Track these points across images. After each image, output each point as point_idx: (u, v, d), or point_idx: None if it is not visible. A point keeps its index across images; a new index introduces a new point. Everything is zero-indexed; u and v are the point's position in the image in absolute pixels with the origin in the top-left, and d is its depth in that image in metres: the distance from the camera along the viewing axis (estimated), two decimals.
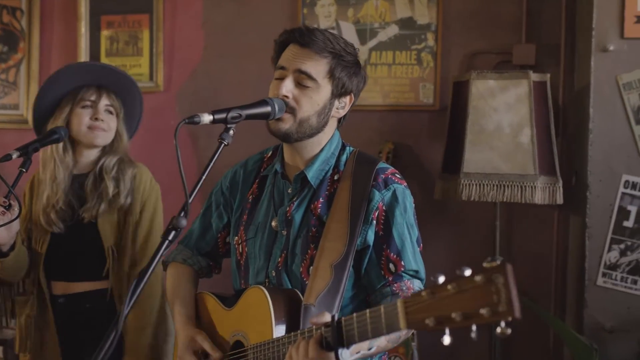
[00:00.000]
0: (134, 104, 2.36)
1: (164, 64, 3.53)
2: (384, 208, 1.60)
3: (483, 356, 3.01)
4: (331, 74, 1.61)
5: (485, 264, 0.96)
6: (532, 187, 2.63)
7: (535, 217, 3.11)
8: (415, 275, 1.59)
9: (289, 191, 1.68)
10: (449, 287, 1.00)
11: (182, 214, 1.39)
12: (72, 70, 2.32)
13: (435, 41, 3.22)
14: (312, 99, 1.60)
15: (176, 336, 1.73)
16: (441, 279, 1.01)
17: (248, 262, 1.71)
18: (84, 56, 3.60)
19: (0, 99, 3.77)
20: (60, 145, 2.26)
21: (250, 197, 1.75)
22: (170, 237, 1.37)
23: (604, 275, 2.80)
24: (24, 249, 2.24)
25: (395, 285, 1.56)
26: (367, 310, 1.25)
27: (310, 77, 1.59)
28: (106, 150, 2.30)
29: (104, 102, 2.27)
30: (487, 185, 2.64)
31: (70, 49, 3.65)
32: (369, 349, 1.44)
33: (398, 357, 2.94)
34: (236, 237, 1.75)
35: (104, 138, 2.27)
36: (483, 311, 0.96)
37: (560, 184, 2.74)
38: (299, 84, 1.61)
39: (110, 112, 2.29)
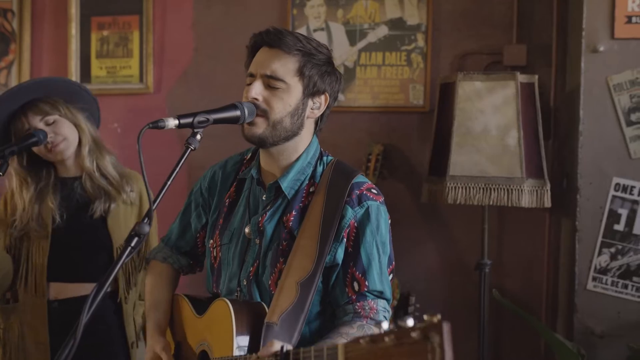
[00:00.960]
0: (72, 95, 2.27)
1: (154, 66, 3.52)
2: (355, 225, 1.56)
3: (473, 357, 2.97)
4: (300, 72, 1.58)
5: (425, 318, 0.93)
6: (519, 190, 2.59)
7: (526, 220, 3.07)
8: (379, 295, 1.56)
9: (264, 198, 1.65)
10: (387, 339, 0.96)
11: (146, 221, 1.37)
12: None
13: (425, 42, 3.19)
14: (284, 100, 1.57)
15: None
16: (385, 326, 0.97)
17: (221, 267, 1.69)
18: (74, 57, 3.59)
19: None
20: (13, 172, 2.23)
21: (227, 200, 1.72)
22: (132, 244, 1.35)
23: (594, 279, 2.76)
24: (4, 256, 2.21)
25: (358, 304, 1.54)
26: (312, 348, 1.22)
27: (277, 78, 1.56)
28: (86, 151, 2.26)
29: (36, 121, 2.18)
30: (473, 188, 2.61)
31: (61, 51, 3.64)
32: None
33: None
34: (211, 241, 1.72)
35: (67, 148, 2.22)
36: None
37: (548, 187, 2.70)
38: (268, 87, 1.58)
39: (49, 123, 2.20)
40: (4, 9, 3.72)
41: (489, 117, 2.63)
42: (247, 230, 1.63)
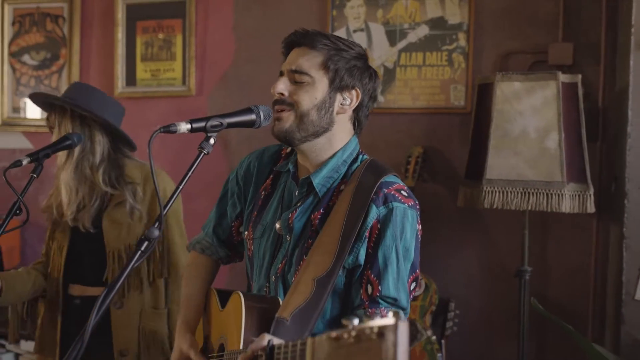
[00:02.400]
0: (91, 104, 2.27)
1: (196, 68, 3.56)
2: (378, 225, 1.51)
3: None
4: (325, 65, 1.56)
5: (389, 316, 0.89)
6: (559, 194, 2.48)
7: (573, 225, 2.95)
8: (393, 303, 1.49)
9: (297, 194, 1.63)
10: (347, 335, 0.93)
11: (156, 225, 1.37)
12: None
13: (467, 41, 3.11)
14: (309, 93, 1.55)
15: None
16: (354, 322, 0.94)
17: (253, 261, 1.69)
18: (120, 61, 3.68)
19: None
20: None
21: (263, 192, 1.71)
22: (142, 248, 1.36)
23: None
24: (17, 281, 2.28)
25: (370, 310, 1.48)
26: (291, 343, 1.20)
27: (302, 72, 1.55)
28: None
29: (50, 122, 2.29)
30: (510, 192, 2.51)
31: (108, 54, 3.73)
32: None
33: None
34: (246, 232, 1.72)
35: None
36: None
37: (592, 191, 2.57)
38: (294, 82, 1.57)
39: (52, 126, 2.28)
40: (55, 15, 3.84)
41: (528, 119, 2.53)
42: (277, 225, 1.61)
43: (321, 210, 1.57)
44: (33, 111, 3.92)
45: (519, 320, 2.74)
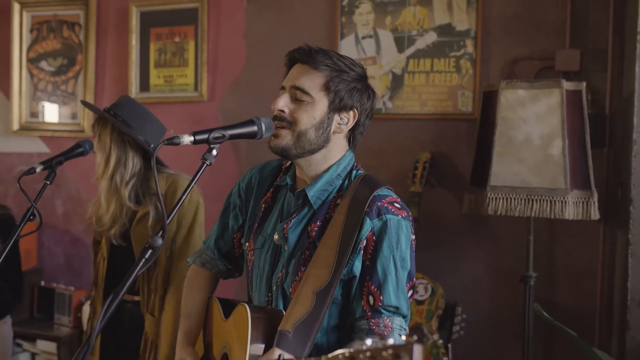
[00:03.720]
0: (134, 121, 2.33)
1: (208, 74, 3.62)
2: (373, 238, 1.55)
3: None
4: (326, 87, 1.60)
5: (403, 338, 0.93)
6: (562, 201, 2.50)
7: (579, 232, 2.96)
8: (395, 312, 1.53)
9: (292, 206, 1.68)
10: (362, 355, 0.97)
11: (160, 234, 1.42)
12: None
13: (475, 48, 3.13)
14: (308, 112, 1.59)
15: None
16: (368, 342, 0.98)
17: (254, 272, 1.73)
18: (134, 68, 3.75)
19: (60, 108, 3.98)
20: None
21: (263, 205, 1.75)
22: (146, 256, 1.41)
23: None
24: None
25: (372, 320, 1.52)
26: (311, 359, 1.24)
27: (303, 91, 1.59)
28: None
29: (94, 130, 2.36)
30: (514, 199, 2.53)
31: (122, 61, 3.81)
32: None
33: None
34: (247, 244, 1.77)
35: (97, 171, 2.34)
36: None
37: (596, 198, 2.59)
38: (295, 100, 1.61)
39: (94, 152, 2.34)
40: (72, 22, 3.93)
41: (532, 126, 2.55)
42: (275, 237, 1.66)
43: (318, 223, 1.61)
44: (50, 116, 4.01)
45: (524, 325, 2.76)
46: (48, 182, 2.11)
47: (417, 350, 0.91)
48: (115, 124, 2.28)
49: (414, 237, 1.63)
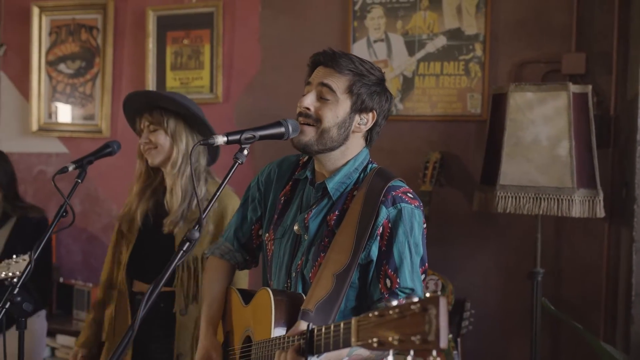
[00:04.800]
0: (193, 118, 2.42)
1: (223, 77, 3.73)
2: (389, 225, 1.66)
3: None
4: (350, 90, 1.71)
5: (427, 294, 1.03)
6: (569, 200, 2.60)
7: (585, 229, 3.06)
8: (410, 294, 1.63)
9: (312, 197, 1.79)
10: (392, 312, 1.07)
11: (196, 228, 1.53)
12: (126, 101, 2.48)
13: (483, 51, 3.23)
14: (333, 111, 1.70)
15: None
16: (394, 303, 1.08)
17: (273, 260, 1.84)
18: (151, 70, 3.86)
19: (78, 110, 4.09)
20: (137, 164, 2.48)
21: (283, 198, 1.86)
22: (184, 248, 1.52)
23: None
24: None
25: (389, 302, 1.62)
26: (333, 324, 1.34)
27: (330, 89, 1.70)
28: (174, 166, 2.40)
29: (144, 123, 2.42)
30: (523, 197, 2.64)
31: (139, 64, 3.91)
32: (345, 359, 1.51)
33: None
34: (267, 234, 1.87)
35: (155, 156, 2.40)
36: (414, 338, 1.01)
37: (601, 197, 2.69)
38: (320, 98, 1.72)
39: (153, 130, 2.40)
40: (90, 26, 4.04)
41: (540, 128, 2.66)
42: (296, 227, 1.77)
43: (336, 213, 1.72)
44: (68, 117, 4.12)
45: (532, 320, 2.86)
46: (79, 181, 2.21)
47: (443, 301, 1.00)
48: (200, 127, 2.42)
49: (425, 225, 1.74)
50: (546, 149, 2.65)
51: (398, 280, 1.63)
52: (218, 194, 1.58)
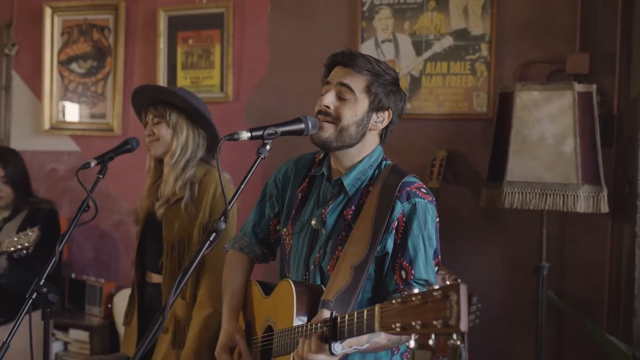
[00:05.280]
0: (196, 113, 2.49)
1: (233, 76, 3.80)
2: (403, 219, 1.73)
3: (530, 359, 3.07)
4: (368, 89, 1.79)
5: (447, 282, 1.09)
6: (574, 195, 2.68)
7: (589, 225, 3.13)
8: (425, 284, 1.69)
9: (329, 193, 1.86)
10: (414, 299, 1.13)
11: (222, 219, 1.60)
12: (134, 95, 2.57)
13: (489, 51, 3.31)
14: (352, 110, 1.78)
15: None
16: (415, 291, 1.14)
17: (292, 254, 1.91)
18: (162, 69, 3.93)
19: (90, 109, 4.17)
20: (147, 160, 2.57)
21: (300, 194, 1.94)
22: (211, 238, 1.59)
23: None
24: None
25: (405, 292, 1.69)
26: (356, 311, 1.41)
27: (349, 89, 1.77)
28: (172, 156, 2.50)
29: (149, 116, 2.51)
30: (529, 193, 2.72)
31: (150, 63, 3.99)
32: (365, 344, 1.57)
33: (446, 357, 3.06)
34: (285, 229, 1.94)
35: (157, 147, 2.50)
36: (436, 323, 1.08)
37: (605, 193, 2.77)
38: (340, 98, 1.79)
39: (157, 123, 2.49)
40: (102, 26, 4.11)
41: (546, 126, 2.73)
42: (313, 222, 1.84)
43: (353, 208, 1.79)
44: (80, 116, 4.19)
45: (537, 313, 2.93)
46: (101, 176, 2.28)
47: (463, 288, 1.07)
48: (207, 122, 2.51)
49: (438, 219, 1.81)
50: (552, 147, 2.72)
51: (413, 271, 1.70)
52: (242, 187, 1.66)
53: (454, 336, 1.11)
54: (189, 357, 2.37)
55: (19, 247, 2.62)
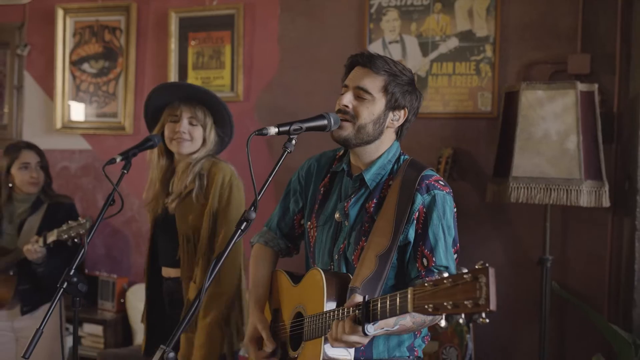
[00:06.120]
0: (222, 118, 2.66)
1: (244, 76, 3.90)
2: (424, 210, 1.83)
3: (535, 351, 3.17)
4: (385, 89, 1.89)
5: (477, 266, 1.19)
6: (577, 190, 2.80)
7: (589, 219, 3.25)
8: (445, 270, 1.80)
9: (350, 188, 1.97)
10: (446, 281, 1.24)
11: (252, 209, 1.70)
12: (165, 87, 2.67)
13: (493, 52, 3.42)
14: (369, 109, 1.88)
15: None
16: (445, 275, 1.24)
17: (316, 245, 2.01)
18: (173, 69, 4.03)
19: (101, 108, 4.26)
20: (155, 151, 2.64)
21: (322, 189, 2.04)
22: (242, 227, 1.68)
23: None
24: None
25: (427, 279, 1.79)
26: (389, 295, 1.52)
27: (366, 91, 1.88)
28: (193, 155, 2.62)
29: (186, 115, 2.59)
30: (534, 188, 2.83)
31: (162, 64, 4.08)
32: (394, 327, 1.69)
33: (453, 347, 3.17)
34: (309, 222, 2.05)
35: (188, 147, 2.59)
36: (467, 302, 1.18)
37: (607, 188, 2.88)
38: (358, 97, 1.90)
39: (192, 124, 2.59)
40: (113, 27, 4.21)
41: (550, 124, 2.85)
42: (336, 215, 1.95)
43: (374, 201, 1.90)
44: (91, 115, 4.28)
45: (540, 304, 3.04)
46: (125, 171, 2.37)
47: (492, 271, 1.17)
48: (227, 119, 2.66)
49: (455, 209, 1.91)
50: (556, 143, 2.84)
51: (434, 259, 1.80)
52: (270, 179, 1.76)
53: (483, 314, 1.21)
54: None
55: (73, 234, 2.86)
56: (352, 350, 1.74)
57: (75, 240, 2.85)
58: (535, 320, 3.17)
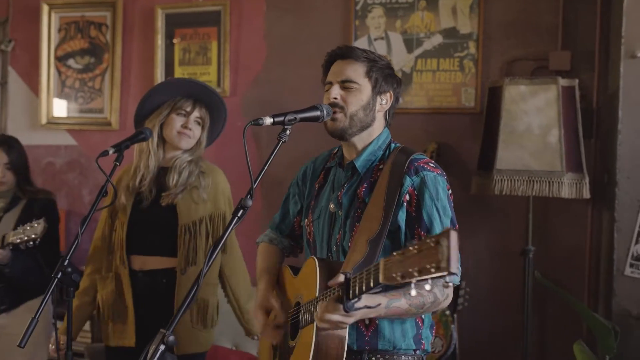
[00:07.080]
0: (219, 119, 2.72)
1: (230, 72, 3.93)
2: (415, 192, 1.86)
3: (518, 340, 3.26)
4: (368, 74, 1.95)
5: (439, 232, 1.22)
6: (559, 182, 2.88)
7: (570, 211, 3.34)
8: None
9: (343, 177, 2.02)
10: (412, 248, 1.26)
11: (248, 196, 1.74)
12: (173, 82, 2.72)
13: (477, 49, 3.50)
14: (357, 97, 1.93)
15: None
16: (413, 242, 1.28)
17: (315, 239, 2.05)
18: (160, 66, 4.04)
19: (87, 104, 4.26)
20: (155, 141, 2.66)
21: (317, 185, 2.09)
22: (239, 214, 1.73)
23: (631, 265, 3.01)
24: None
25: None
26: (365, 269, 1.55)
27: (352, 81, 1.94)
28: (185, 151, 2.67)
29: (196, 114, 2.64)
30: (517, 180, 2.91)
31: (148, 59, 4.10)
32: (386, 308, 1.70)
33: (438, 337, 3.23)
34: (306, 220, 2.09)
35: (188, 143, 2.65)
36: (429, 267, 1.21)
37: (587, 180, 2.97)
38: (344, 89, 1.95)
39: (198, 123, 2.66)
40: (99, 23, 4.21)
41: (532, 118, 2.93)
42: (331, 206, 1.99)
43: (365, 185, 1.94)
44: (76, 111, 4.28)
45: (523, 293, 3.13)
46: (118, 163, 2.39)
47: (454, 234, 1.20)
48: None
49: (450, 191, 1.94)
50: (538, 137, 2.92)
51: None
52: (265, 167, 1.80)
53: (447, 279, 1.24)
54: None
55: (26, 238, 2.66)
56: (344, 332, 1.74)
57: (29, 244, 2.67)
58: (518, 309, 3.25)
